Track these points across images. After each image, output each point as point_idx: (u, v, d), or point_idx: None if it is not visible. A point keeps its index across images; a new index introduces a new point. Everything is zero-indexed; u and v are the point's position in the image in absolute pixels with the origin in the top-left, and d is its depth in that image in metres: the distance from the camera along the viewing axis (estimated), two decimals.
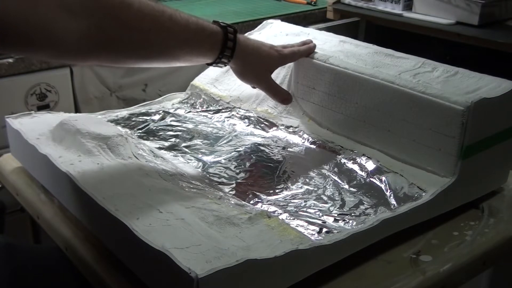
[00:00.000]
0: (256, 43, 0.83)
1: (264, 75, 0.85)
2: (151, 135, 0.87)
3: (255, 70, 0.83)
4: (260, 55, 0.82)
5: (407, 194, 0.70)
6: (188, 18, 0.72)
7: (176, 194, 0.66)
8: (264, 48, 0.83)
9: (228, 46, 0.77)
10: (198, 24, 0.74)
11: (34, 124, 0.81)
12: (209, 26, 0.76)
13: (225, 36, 0.76)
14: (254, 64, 0.83)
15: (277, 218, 0.64)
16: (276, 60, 0.84)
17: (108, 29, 0.63)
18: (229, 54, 0.78)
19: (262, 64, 0.83)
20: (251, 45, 0.82)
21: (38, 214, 0.76)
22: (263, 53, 0.82)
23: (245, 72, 0.84)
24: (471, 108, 0.67)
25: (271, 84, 0.86)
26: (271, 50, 0.84)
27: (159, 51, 0.71)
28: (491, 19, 1.54)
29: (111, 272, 0.63)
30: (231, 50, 0.77)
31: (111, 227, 0.60)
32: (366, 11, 1.72)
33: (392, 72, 0.79)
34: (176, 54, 0.73)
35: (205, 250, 0.54)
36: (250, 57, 0.81)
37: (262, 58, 0.83)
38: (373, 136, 0.79)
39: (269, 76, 0.85)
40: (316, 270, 0.59)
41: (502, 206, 0.76)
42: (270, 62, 0.84)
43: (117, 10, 0.63)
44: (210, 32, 0.75)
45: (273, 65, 0.85)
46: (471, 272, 0.68)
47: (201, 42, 0.75)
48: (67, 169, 0.68)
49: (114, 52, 0.67)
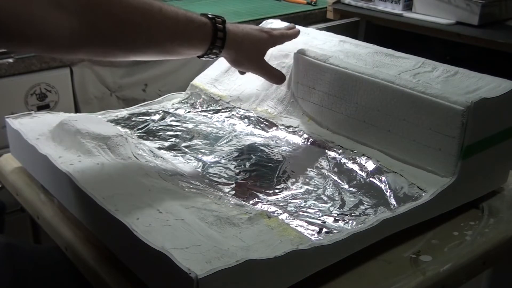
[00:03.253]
0: (245, 29, 0.83)
1: (258, 59, 0.85)
2: (151, 135, 0.87)
3: (249, 56, 0.84)
4: (251, 40, 0.83)
5: (407, 194, 0.70)
6: (177, 11, 0.73)
7: (176, 194, 0.66)
8: (254, 32, 0.83)
9: (218, 36, 0.77)
10: (187, 16, 0.74)
11: (34, 124, 0.81)
12: (197, 18, 0.76)
13: (214, 26, 0.77)
14: (246, 50, 0.83)
15: (277, 218, 0.64)
16: (267, 42, 0.85)
17: (99, 24, 0.63)
18: (219, 44, 0.78)
19: (254, 49, 0.84)
20: (241, 32, 0.82)
21: (38, 214, 0.76)
22: (254, 38, 0.83)
23: (239, 59, 0.84)
24: (471, 108, 0.67)
25: (266, 67, 0.87)
26: (261, 33, 0.84)
27: (150, 44, 0.71)
28: (491, 19, 1.54)
29: (111, 272, 0.63)
30: (222, 40, 0.78)
31: (111, 227, 0.60)
32: (366, 11, 1.72)
33: (392, 72, 0.79)
34: (167, 47, 0.73)
35: (205, 251, 0.54)
36: (242, 44, 0.82)
37: (254, 43, 0.83)
38: (373, 136, 0.79)
39: (263, 59, 0.86)
40: (316, 270, 0.59)
41: (502, 206, 0.76)
42: (261, 46, 0.85)
43: (107, 4, 0.64)
44: (199, 23, 0.75)
45: (265, 48, 0.86)
46: (471, 272, 0.68)
47: (192, 34, 0.75)
48: (67, 169, 0.68)
49: (106, 46, 0.68)
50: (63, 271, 0.73)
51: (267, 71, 0.87)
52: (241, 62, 0.85)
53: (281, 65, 0.93)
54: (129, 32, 0.67)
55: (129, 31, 0.67)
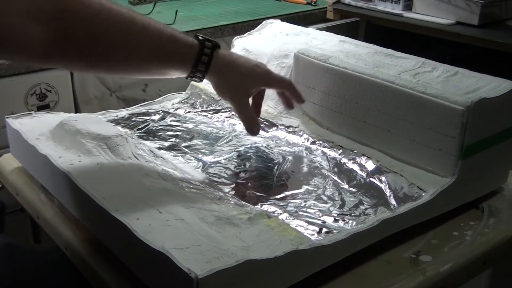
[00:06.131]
0: (239, 60, 0.79)
1: (241, 96, 0.78)
2: (151, 135, 0.87)
3: (232, 88, 0.78)
4: (239, 72, 0.77)
5: (407, 194, 0.70)
6: (162, 30, 0.71)
7: (176, 194, 0.66)
8: (246, 65, 0.78)
9: (202, 60, 0.74)
10: (172, 36, 0.72)
11: (34, 124, 0.81)
12: (184, 38, 0.73)
13: (200, 50, 0.73)
14: (232, 81, 0.77)
15: (277, 218, 0.64)
16: (258, 79, 0.79)
17: (74, 38, 0.64)
18: (202, 68, 0.74)
19: (240, 83, 0.78)
20: (231, 61, 0.77)
21: (38, 214, 0.76)
22: (244, 71, 0.78)
23: (221, 89, 0.79)
24: (471, 108, 0.67)
25: (245, 111, 0.79)
26: (255, 68, 0.79)
27: (129, 61, 0.70)
28: (491, 19, 1.53)
29: (111, 272, 0.63)
30: (206, 64, 0.74)
31: (111, 227, 0.60)
32: (366, 11, 1.72)
33: (392, 72, 0.79)
34: (145, 65, 0.72)
35: (205, 251, 0.54)
36: (228, 74, 0.77)
37: (242, 76, 0.78)
38: (373, 136, 0.79)
39: (247, 100, 0.79)
40: (316, 270, 0.59)
41: (502, 206, 0.76)
42: (249, 81, 0.79)
43: (83, 19, 0.64)
44: (185, 44, 0.73)
45: (253, 85, 0.80)
46: (471, 272, 0.68)
47: (172, 55, 0.72)
48: (67, 169, 0.68)
49: (83, 59, 0.68)
50: (63, 271, 0.73)
51: (246, 116, 0.79)
52: (223, 92, 0.79)
53: (281, 65, 0.93)
54: (105, 47, 0.67)
55: (104, 46, 0.66)
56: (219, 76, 0.77)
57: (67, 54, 0.65)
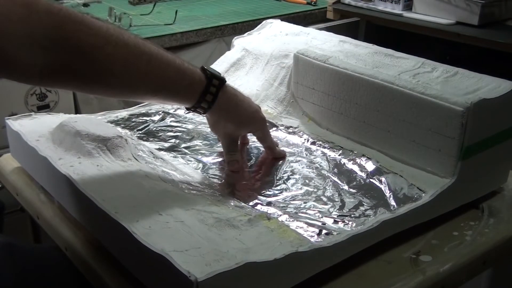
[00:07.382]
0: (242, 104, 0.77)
1: (233, 136, 0.78)
2: (151, 136, 0.87)
3: (228, 128, 0.77)
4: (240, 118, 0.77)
5: (406, 195, 0.70)
6: (169, 63, 0.68)
7: (175, 196, 0.66)
8: (248, 111, 0.77)
9: (206, 99, 0.72)
10: (179, 71, 0.69)
11: (34, 125, 0.81)
12: (190, 74, 0.70)
13: (206, 88, 0.71)
14: (229, 123, 0.76)
15: (276, 220, 0.64)
16: (255, 125, 0.79)
17: (75, 68, 0.61)
18: (205, 106, 0.72)
19: (237, 127, 0.77)
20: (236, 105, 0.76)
21: (38, 214, 0.76)
22: (244, 119, 0.77)
23: (216, 126, 0.78)
24: (470, 109, 0.67)
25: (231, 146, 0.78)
26: (255, 114, 0.78)
27: (131, 93, 0.69)
28: (491, 19, 1.53)
29: (111, 272, 0.63)
30: (209, 103, 0.72)
31: (111, 229, 0.60)
32: (366, 11, 1.72)
33: (392, 72, 0.79)
34: (148, 97, 0.71)
35: (204, 253, 0.54)
36: (227, 116, 0.76)
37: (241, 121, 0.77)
38: (373, 136, 0.79)
39: (237, 139, 0.79)
40: (315, 272, 0.59)
41: (502, 206, 0.76)
42: (245, 127, 0.79)
43: (87, 51, 0.60)
44: (190, 82, 0.70)
45: (247, 129, 0.80)
46: (471, 272, 0.68)
47: (177, 91, 0.70)
48: (67, 172, 0.68)
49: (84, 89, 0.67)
50: (63, 271, 0.73)
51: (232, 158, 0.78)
52: (217, 130, 0.79)
53: (281, 65, 0.93)
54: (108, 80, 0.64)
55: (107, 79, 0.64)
56: (219, 115, 0.75)
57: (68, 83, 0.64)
